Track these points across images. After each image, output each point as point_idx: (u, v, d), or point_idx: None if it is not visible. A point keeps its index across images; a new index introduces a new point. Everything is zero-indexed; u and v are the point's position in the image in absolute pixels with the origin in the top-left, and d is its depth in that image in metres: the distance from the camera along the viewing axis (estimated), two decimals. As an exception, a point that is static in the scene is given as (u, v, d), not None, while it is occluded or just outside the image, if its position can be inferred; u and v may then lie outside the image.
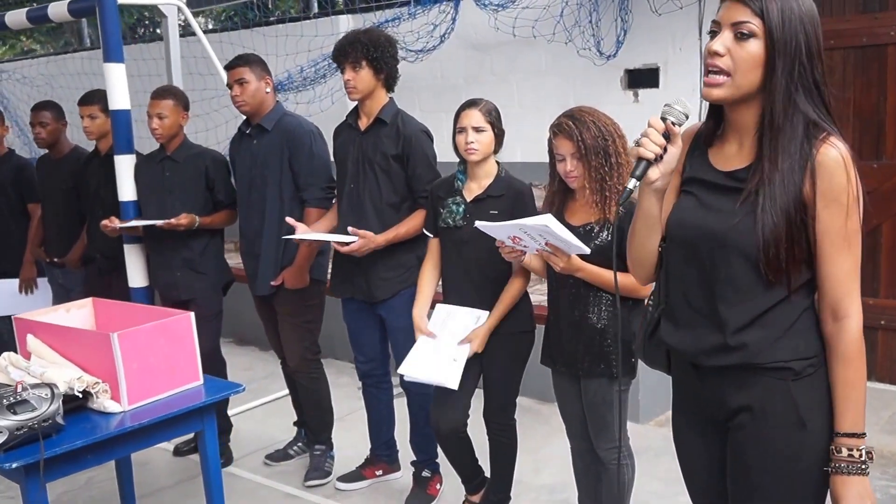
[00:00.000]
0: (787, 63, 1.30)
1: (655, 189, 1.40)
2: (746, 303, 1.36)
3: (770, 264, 1.31)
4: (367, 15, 5.05)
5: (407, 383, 2.83)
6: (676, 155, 1.37)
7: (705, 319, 1.41)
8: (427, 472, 2.90)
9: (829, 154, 1.29)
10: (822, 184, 1.30)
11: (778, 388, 1.36)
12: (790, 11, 1.31)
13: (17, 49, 9.61)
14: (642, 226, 1.47)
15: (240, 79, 2.90)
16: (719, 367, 1.40)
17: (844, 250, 1.32)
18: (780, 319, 1.36)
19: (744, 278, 1.35)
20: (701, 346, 1.41)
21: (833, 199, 1.30)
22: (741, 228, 1.33)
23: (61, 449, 1.89)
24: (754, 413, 1.38)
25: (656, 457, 3.11)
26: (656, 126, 1.35)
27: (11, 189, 3.79)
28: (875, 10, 3.66)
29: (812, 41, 1.32)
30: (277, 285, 2.96)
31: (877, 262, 3.83)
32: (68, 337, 2.22)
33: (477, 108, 2.38)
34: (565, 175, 2.12)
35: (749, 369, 1.38)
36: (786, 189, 1.30)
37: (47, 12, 3.45)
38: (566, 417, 2.32)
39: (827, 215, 1.31)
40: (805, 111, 1.32)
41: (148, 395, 2.13)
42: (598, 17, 4.21)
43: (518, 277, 2.40)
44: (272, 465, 3.25)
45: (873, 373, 3.87)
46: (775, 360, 1.36)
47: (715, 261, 1.37)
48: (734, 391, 1.40)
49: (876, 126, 3.74)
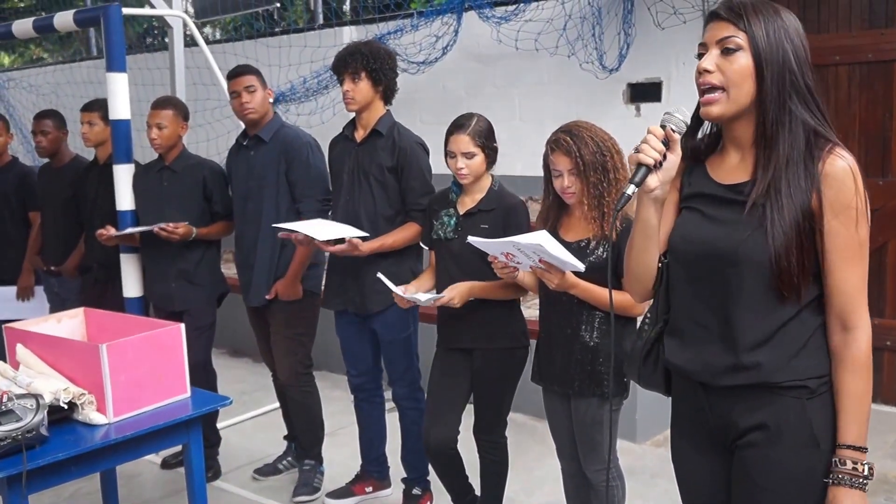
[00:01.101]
0: (775, 70, 1.31)
1: (654, 198, 1.38)
2: (759, 320, 1.35)
3: (783, 277, 1.30)
4: (371, 26, 5.07)
5: (399, 399, 2.80)
6: (676, 163, 1.36)
7: (715, 338, 1.38)
8: (418, 489, 2.86)
9: (836, 164, 1.29)
10: (830, 194, 1.29)
11: (793, 407, 1.35)
12: (773, 23, 1.33)
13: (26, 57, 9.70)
14: (641, 238, 1.44)
15: (249, 86, 2.91)
16: (730, 387, 1.39)
17: (853, 261, 1.31)
18: (793, 337, 1.35)
19: (756, 294, 1.34)
20: (712, 366, 1.39)
21: (842, 209, 1.29)
22: (752, 242, 1.32)
23: (44, 461, 1.88)
24: (770, 432, 1.36)
25: (652, 478, 3.06)
26: (656, 133, 1.34)
27: (13, 197, 3.81)
28: (881, 27, 3.63)
29: (799, 50, 1.33)
30: (271, 297, 2.94)
31: (882, 281, 3.77)
32: (58, 347, 2.21)
33: (465, 133, 2.33)
34: (562, 191, 2.10)
35: (764, 388, 1.36)
36: (793, 200, 1.30)
37: (53, 22, 3.48)
38: (556, 436, 2.29)
39: (836, 226, 1.30)
40: (804, 119, 1.32)
41: (134, 407, 2.12)
42: (601, 31, 4.20)
43: (510, 286, 2.34)
44: (261, 479, 3.22)
45: (879, 395, 3.80)
46: (792, 379, 1.34)
47: (725, 276, 1.36)
48: (745, 411, 1.38)
49: (882, 142, 3.70)
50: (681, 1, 3.92)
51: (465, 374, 2.39)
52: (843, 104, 3.77)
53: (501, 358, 2.40)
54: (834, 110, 3.80)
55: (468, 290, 2.31)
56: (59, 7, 7.18)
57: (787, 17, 1.35)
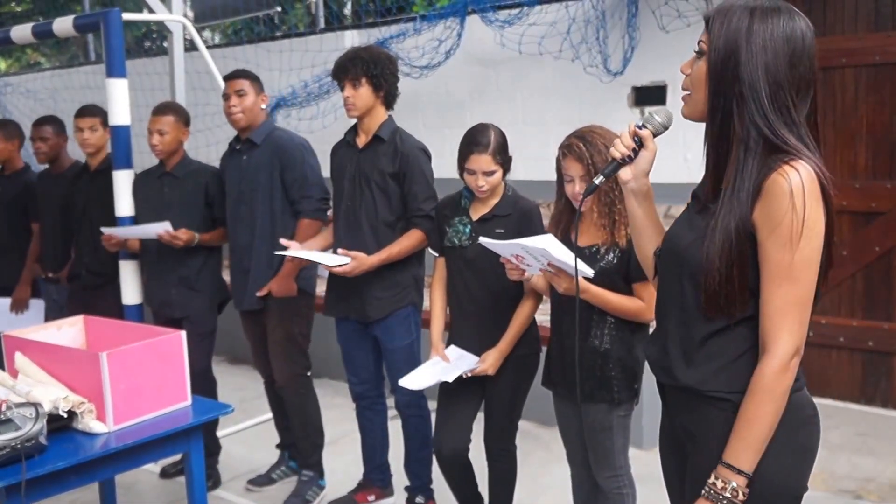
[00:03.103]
0: (720, 78, 1.28)
1: (631, 189, 1.47)
2: (691, 325, 1.34)
3: (708, 285, 1.28)
4: (373, 31, 5.05)
5: (402, 406, 2.76)
6: (649, 159, 1.44)
7: (664, 337, 1.41)
8: (421, 497, 2.83)
9: (776, 181, 1.23)
10: (764, 210, 1.25)
11: (718, 419, 1.33)
12: (736, 24, 1.27)
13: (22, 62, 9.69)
14: (631, 228, 1.57)
15: (239, 90, 2.91)
16: (677, 388, 1.39)
17: (780, 283, 1.25)
18: (723, 349, 1.33)
19: (692, 299, 1.33)
20: (659, 363, 1.43)
21: (774, 227, 1.24)
22: (692, 248, 1.32)
23: (44, 470, 1.85)
24: (696, 440, 1.38)
25: (660, 485, 2.99)
26: (629, 130, 1.43)
27: (14, 205, 3.77)
28: (888, 29, 3.62)
29: (769, 58, 1.25)
30: (264, 297, 2.92)
31: (890, 285, 3.73)
32: (57, 355, 2.18)
33: (487, 153, 2.30)
34: (573, 197, 2.07)
35: (693, 394, 1.36)
36: (732, 211, 1.27)
37: (52, 27, 3.45)
38: (567, 442, 2.26)
39: (766, 244, 1.25)
40: (755, 131, 1.26)
41: (134, 416, 2.09)
42: (606, 35, 4.19)
43: (530, 299, 2.35)
44: (255, 490, 3.16)
45: (889, 401, 3.76)
46: (716, 390, 1.33)
47: (676, 277, 1.38)
48: (685, 413, 1.40)
49: (889, 145, 3.68)
50: (685, 4, 3.91)
51: (477, 382, 2.36)
52: (850, 107, 3.74)
53: (514, 365, 2.37)
54: (840, 113, 3.78)
55: (500, 355, 2.33)
56: (57, 11, 7.18)
57: (769, 23, 1.26)
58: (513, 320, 2.35)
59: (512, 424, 2.45)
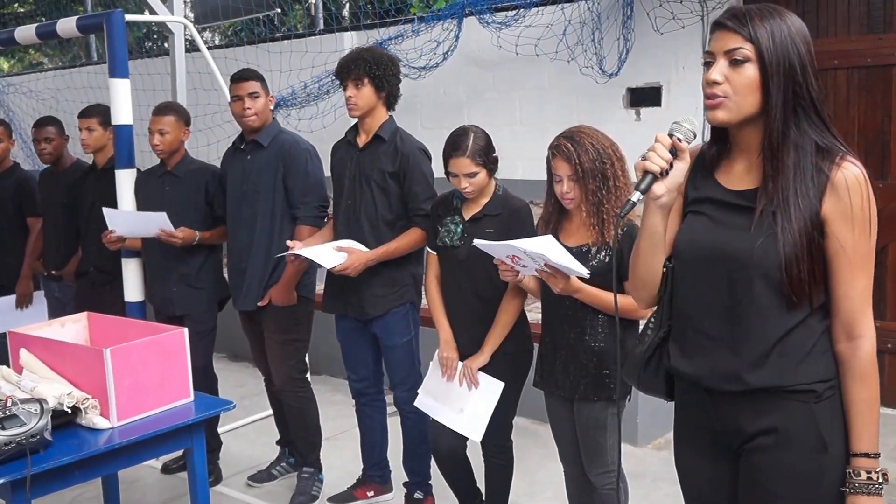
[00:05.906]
0: (781, 83, 1.32)
1: (661, 205, 1.39)
2: (767, 326, 1.35)
3: (793, 284, 1.32)
4: (371, 32, 5.08)
5: (401, 403, 2.80)
6: (684, 171, 1.37)
7: (722, 343, 1.39)
8: (420, 493, 2.86)
9: (846, 173, 1.31)
10: (839, 203, 1.31)
11: (801, 411, 1.36)
12: (780, 33, 1.33)
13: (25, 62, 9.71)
14: (647, 244, 1.45)
15: (253, 92, 2.89)
16: (738, 392, 1.39)
17: (860, 269, 1.33)
18: (800, 342, 1.36)
19: (764, 300, 1.34)
20: (718, 372, 1.39)
21: (850, 218, 1.31)
22: (763, 249, 1.33)
23: (48, 465, 1.88)
24: (778, 436, 1.37)
25: (653, 482, 3.06)
26: (663, 141, 1.36)
27: (11, 203, 3.80)
28: (880, 32, 3.66)
29: (805, 59, 1.34)
30: (263, 304, 2.93)
31: (883, 284, 3.78)
32: (61, 351, 2.21)
33: (465, 156, 2.31)
34: (561, 196, 2.10)
35: (772, 393, 1.37)
36: (801, 208, 1.32)
37: (56, 28, 3.48)
38: (559, 440, 2.28)
39: (844, 234, 1.32)
40: (810, 128, 1.34)
41: (137, 412, 2.12)
42: (601, 36, 4.22)
43: (514, 297, 2.37)
44: (255, 486, 3.20)
45: (882, 398, 3.76)
46: (799, 383, 1.35)
47: (732, 281, 1.36)
48: (752, 416, 1.39)
49: (880, 146, 3.72)
50: (680, 6, 3.94)
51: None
52: (843, 108, 3.79)
53: (507, 362, 2.40)
54: (833, 114, 3.80)
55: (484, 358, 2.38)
56: (59, 12, 7.20)
57: (792, 20, 1.35)
58: (497, 319, 2.36)
59: (506, 421, 2.47)
